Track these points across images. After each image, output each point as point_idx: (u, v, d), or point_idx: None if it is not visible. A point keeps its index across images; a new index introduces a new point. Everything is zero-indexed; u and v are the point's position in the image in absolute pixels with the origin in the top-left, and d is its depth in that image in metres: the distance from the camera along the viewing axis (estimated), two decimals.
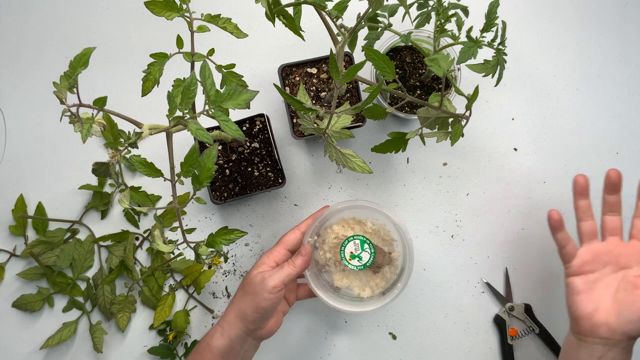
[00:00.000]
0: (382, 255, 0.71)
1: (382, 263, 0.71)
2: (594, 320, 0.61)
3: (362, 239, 0.69)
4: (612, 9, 0.84)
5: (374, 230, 0.71)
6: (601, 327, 0.61)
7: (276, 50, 0.83)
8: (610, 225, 0.68)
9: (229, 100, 0.49)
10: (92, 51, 0.49)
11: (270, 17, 0.55)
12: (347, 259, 0.69)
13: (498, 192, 0.82)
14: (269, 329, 0.66)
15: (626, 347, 0.61)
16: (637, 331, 0.59)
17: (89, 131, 0.48)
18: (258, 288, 0.64)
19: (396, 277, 0.71)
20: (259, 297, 0.63)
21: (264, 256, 0.68)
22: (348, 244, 0.69)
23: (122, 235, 0.80)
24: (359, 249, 0.69)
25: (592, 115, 0.83)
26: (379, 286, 0.71)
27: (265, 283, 0.63)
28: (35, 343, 0.80)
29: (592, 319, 0.62)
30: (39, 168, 0.82)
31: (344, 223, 0.72)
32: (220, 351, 0.65)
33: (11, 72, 0.83)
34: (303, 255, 0.66)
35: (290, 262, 0.66)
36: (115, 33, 0.84)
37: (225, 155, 0.77)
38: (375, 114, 0.62)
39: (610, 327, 0.60)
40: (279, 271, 0.65)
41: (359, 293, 0.71)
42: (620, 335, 0.60)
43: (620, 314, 0.60)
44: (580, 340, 0.63)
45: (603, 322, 0.60)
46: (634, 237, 0.67)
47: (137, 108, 0.80)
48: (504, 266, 0.81)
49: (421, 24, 0.66)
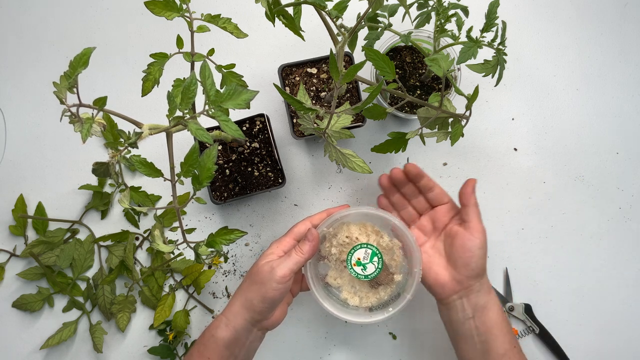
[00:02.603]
0: (386, 273, 0.69)
1: (383, 281, 0.70)
2: (441, 282, 0.66)
3: (374, 250, 0.68)
4: (612, 9, 0.84)
5: (388, 247, 0.69)
6: (449, 284, 0.66)
7: (276, 50, 0.83)
8: (419, 206, 0.74)
9: (229, 100, 0.49)
10: (92, 51, 0.49)
11: (270, 17, 0.55)
12: (352, 263, 0.67)
13: (498, 192, 0.82)
14: (275, 319, 0.66)
15: (481, 289, 0.66)
16: (475, 271, 0.65)
17: (89, 131, 0.48)
18: (266, 278, 0.63)
19: (387, 299, 0.70)
20: (267, 287, 0.63)
21: (273, 245, 0.67)
22: (359, 249, 0.68)
23: (122, 235, 0.80)
24: (367, 259, 0.67)
25: (592, 115, 0.83)
26: (369, 301, 0.70)
27: (274, 273, 0.63)
28: (35, 343, 0.80)
29: (439, 281, 0.67)
30: (39, 168, 0.82)
31: (362, 227, 0.71)
32: (225, 342, 0.64)
33: (11, 72, 0.83)
34: (310, 241, 0.65)
35: (297, 249, 0.65)
36: (115, 33, 0.84)
37: (225, 155, 0.77)
38: (375, 114, 0.62)
39: (456, 279, 0.66)
40: (286, 260, 0.64)
41: (347, 298, 0.70)
42: (465, 281, 0.65)
43: (455, 266, 0.66)
44: (446, 305, 0.67)
45: (449, 280, 0.66)
46: (436, 203, 0.72)
47: (137, 108, 0.80)
48: (504, 266, 0.81)
49: (421, 24, 0.66)
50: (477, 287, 0.66)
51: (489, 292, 0.67)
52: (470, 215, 0.67)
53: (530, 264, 0.81)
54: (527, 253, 0.81)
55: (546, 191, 0.82)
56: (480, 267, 0.66)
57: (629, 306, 0.81)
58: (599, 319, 0.81)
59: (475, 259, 0.65)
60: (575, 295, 0.81)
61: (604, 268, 0.81)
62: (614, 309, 0.81)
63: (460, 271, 0.66)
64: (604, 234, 0.81)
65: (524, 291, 0.81)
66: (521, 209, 0.82)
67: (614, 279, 0.81)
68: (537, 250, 0.81)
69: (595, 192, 0.82)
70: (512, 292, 0.81)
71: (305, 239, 0.65)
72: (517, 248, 0.81)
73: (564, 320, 0.81)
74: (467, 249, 0.65)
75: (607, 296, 0.81)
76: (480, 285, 0.66)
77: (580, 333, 0.80)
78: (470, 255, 0.65)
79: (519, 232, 0.82)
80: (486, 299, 0.66)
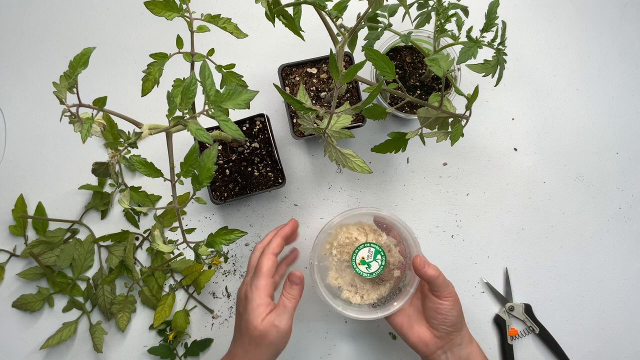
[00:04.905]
0: (388, 270, 0.71)
1: (386, 278, 0.71)
2: (424, 340, 0.68)
3: (377, 248, 0.69)
4: (612, 9, 0.84)
5: (386, 244, 0.71)
6: (432, 341, 0.68)
7: (276, 50, 0.83)
8: None
9: (228, 100, 0.49)
10: (92, 51, 0.49)
11: (270, 17, 0.55)
12: (356, 262, 0.69)
13: (498, 192, 0.82)
14: None
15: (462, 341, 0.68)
16: (451, 327, 0.67)
17: (88, 131, 0.48)
18: (276, 337, 0.63)
19: (388, 294, 0.72)
20: (279, 344, 0.63)
21: (255, 294, 0.64)
22: (363, 249, 0.69)
23: (122, 235, 0.80)
24: (371, 257, 0.69)
25: (592, 115, 0.83)
26: (371, 298, 0.71)
27: (281, 330, 0.62)
28: (35, 343, 0.80)
29: (422, 339, 0.68)
30: (39, 168, 0.82)
31: (359, 227, 0.72)
32: None
33: (11, 72, 0.83)
34: (298, 284, 0.66)
35: (288, 295, 0.65)
36: (115, 33, 0.84)
37: (225, 155, 0.77)
38: (375, 114, 0.62)
39: (436, 336, 0.68)
40: (285, 311, 0.63)
41: (348, 297, 0.71)
42: (446, 337, 0.67)
43: (432, 325, 0.68)
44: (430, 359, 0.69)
45: (430, 337, 0.68)
46: None
47: (137, 108, 0.80)
48: (504, 266, 0.81)
49: (421, 24, 0.66)
50: (459, 340, 0.68)
51: (470, 343, 0.69)
52: (433, 286, 0.67)
53: (530, 264, 0.81)
54: (527, 253, 0.81)
55: (546, 191, 0.82)
56: (456, 323, 0.67)
57: (629, 306, 0.81)
58: (599, 318, 0.81)
59: (450, 318, 0.67)
60: (575, 295, 0.81)
61: (604, 268, 0.81)
62: (614, 309, 0.81)
63: (438, 329, 0.67)
64: (604, 234, 0.81)
65: (524, 291, 0.81)
66: (521, 209, 0.82)
67: (614, 279, 0.81)
68: (537, 250, 0.81)
69: (595, 192, 0.82)
70: (512, 292, 0.81)
71: (293, 283, 0.65)
72: (517, 248, 0.81)
73: (564, 320, 0.81)
74: (438, 312, 0.67)
75: (607, 296, 0.81)
76: (461, 338, 0.68)
77: (580, 333, 0.80)
78: (443, 317, 0.67)
79: (519, 232, 0.81)
80: (469, 350, 0.68)
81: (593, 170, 0.82)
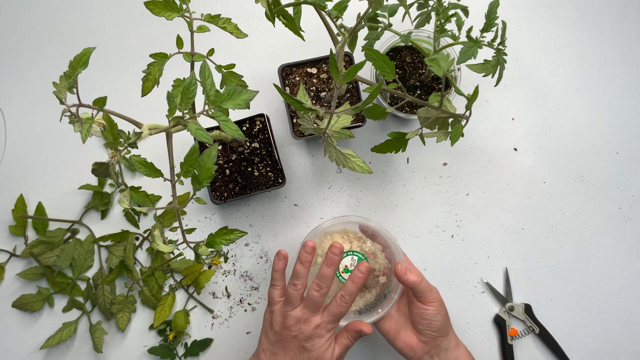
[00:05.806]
0: (372, 276, 0.71)
1: (370, 285, 0.72)
2: (411, 345, 0.69)
3: (360, 256, 0.70)
4: (612, 9, 0.84)
5: (371, 251, 0.71)
6: (418, 346, 0.69)
7: (276, 50, 0.83)
8: None
9: (228, 100, 0.49)
10: (92, 51, 0.49)
11: (270, 17, 0.55)
12: (340, 271, 0.70)
13: (498, 192, 0.82)
14: None
15: (449, 346, 0.68)
16: (437, 332, 0.68)
17: (88, 131, 0.48)
18: None
19: (374, 300, 0.72)
20: None
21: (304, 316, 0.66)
22: (346, 257, 0.70)
23: (122, 235, 0.80)
24: (354, 265, 0.69)
25: (592, 115, 0.83)
26: (356, 305, 0.71)
27: None
28: (35, 343, 0.80)
29: (409, 345, 0.69)
30: (39, 168, 0.82)
31: (344, 234, 0.72)
32: None
33: (11, 72, 0.83)
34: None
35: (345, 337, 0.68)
36: (115, 33, 0.84)
37: (225, 155, 0.77)
38: (375, 114, 0.62)
39: (423, 341, 0.68)
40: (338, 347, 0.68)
41: None
42: (432, 342, 0.68)
43: (418, 330, 0.69)
44: None
45: (417, 342, 0.69)
46: None
47: (137, 108, 0.80)
48: (504, 266, 0.81)
49: (421, 24, 0.66)
50: (445, 344, 0.68)
51: (457, 347, 0.69)
52: (417, 291, 0.68)
53: (530, 264, 0.81)
54: (527, 253, 0.81)
55: (546, 191, 0.82)
56: (442, 328, 0.68)
57: (629, 306, 0.81)
58: (599, 318, 0.81)
59: (435, 323, 0.68)
60: (575, 295, 0.81)
61: (604, 268, 0.81)
62: (614, 309, 0.81)
63: (424, 334, 0.68)
64: (604, 234, 0.81)
65: (524, 291, 0.81)
66: (521, 209, 0.82)
67: (614, 279, 0.81)
68: (537, 250, 0.81)
69: (595, 192, 0.82)
70: (512, 292, 0.81)
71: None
72: (517, 248, 0.81)
73: (564, 320, 0.81)
74: (423, 317, 0.68)
75: (607, 296, 0.81)
76: (447, 343, 0.68)
77: (580, 333, 0.80)
78: (429, 322, 0.68)
79: (519, 232, 0.81)
80: (455, 354, 0.69)
81: (593, 170, 0.82)
